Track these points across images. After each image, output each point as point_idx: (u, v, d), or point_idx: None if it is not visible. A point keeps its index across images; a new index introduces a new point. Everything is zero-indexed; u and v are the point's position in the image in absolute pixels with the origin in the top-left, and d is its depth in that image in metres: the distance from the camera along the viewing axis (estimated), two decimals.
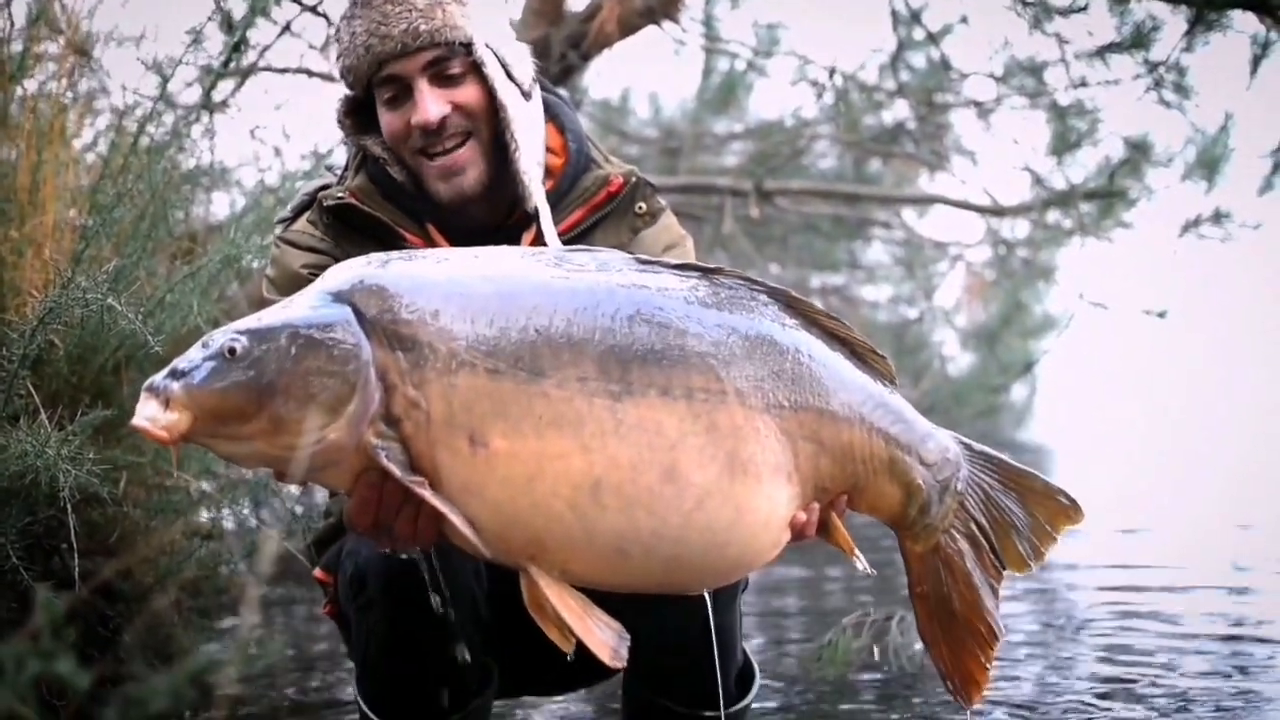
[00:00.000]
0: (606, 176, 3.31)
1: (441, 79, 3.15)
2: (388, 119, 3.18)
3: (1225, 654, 5.02)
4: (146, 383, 2.52)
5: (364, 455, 2.53)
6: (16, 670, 1.46)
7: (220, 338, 2.54)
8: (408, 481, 2.50)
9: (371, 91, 3.21)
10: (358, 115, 3.29)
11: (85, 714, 3.73)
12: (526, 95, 3.25)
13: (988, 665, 2.96)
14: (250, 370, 2.49)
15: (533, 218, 3.21)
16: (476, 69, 3.17)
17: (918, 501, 2.88)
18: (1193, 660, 4.93)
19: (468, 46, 3.15)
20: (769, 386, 2.67)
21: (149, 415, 2.49)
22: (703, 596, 3.03)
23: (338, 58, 3.22)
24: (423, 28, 3.11)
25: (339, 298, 2.58)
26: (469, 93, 3.16)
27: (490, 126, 3.18)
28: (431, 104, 3.12)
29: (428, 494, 2.51)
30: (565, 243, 3.19)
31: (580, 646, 2.60)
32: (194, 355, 2.53)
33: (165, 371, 2.53)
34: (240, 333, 2.54)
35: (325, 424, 2.50)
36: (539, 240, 3.17)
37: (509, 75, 3.21)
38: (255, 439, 2.52)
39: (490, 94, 3.17)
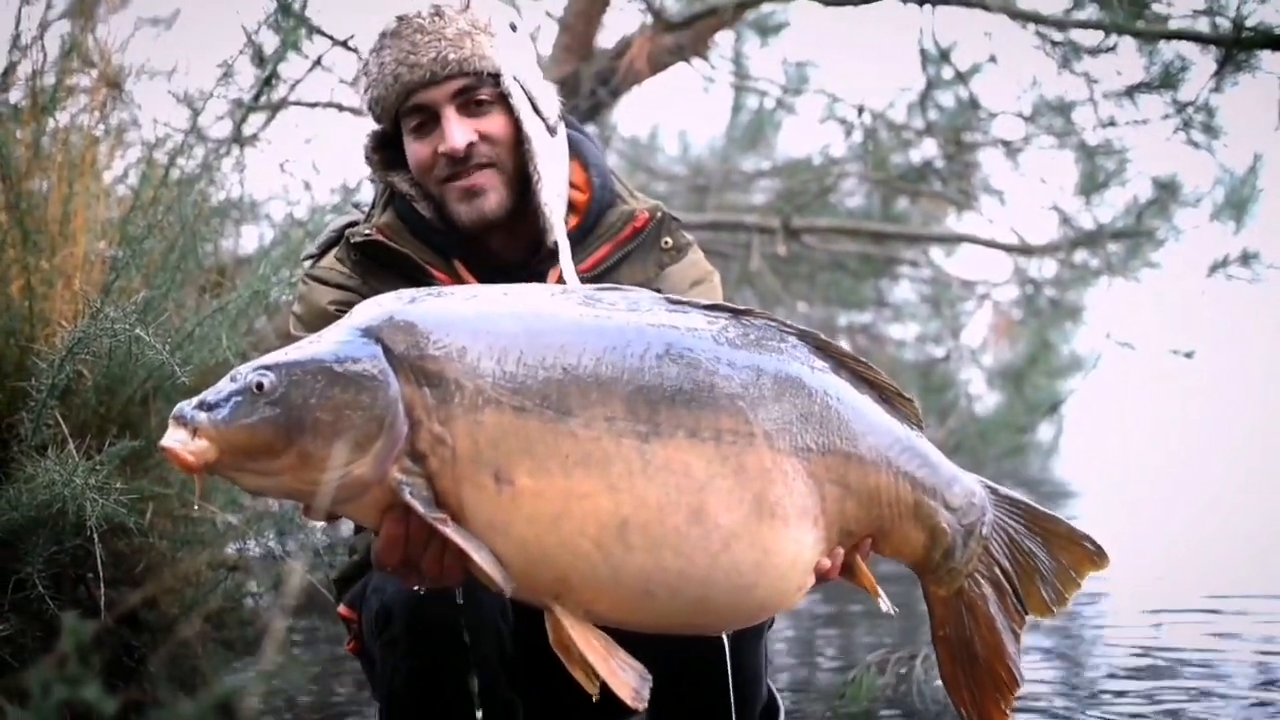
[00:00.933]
0: (632, 212, 3.31)
1: (469, 107, 3.17)
2: (414, 148, 3.20)
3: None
4: (175, 410, 2.53)
5: (389, 491, 2.53)
6: (43, 696, 1.47)
7: (248, 372, 2.54)
8: (430, 518, 2.51)
9: (399, 124, 3.23)
10: (385, 151, 3.31)
11: None
12: (552, 130, 3.26)
13: (1007, 711, 2.96)
14: (278, 406, 2.50)
15: (555, 254, 3.22)
16: (503, 100, 3.19)
17: (942, 546, 2.88)
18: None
19: (495, 77, 3.17)
20: (797, 429, 2.68)
21: (178, 440, 2.50)
22: (725, 635, 3.03)
23: (365, 90, 3.23)
24: (451, 56, 3.13)
25: (367, 333, 2.58)
26: (495, 122, 3.18)
27: (514, 158, 3.20)
28: (458, 131, 3.14)
29: (450, 530, 2.51)
30: (591, 279, 3.19)
31: (604, 686, 2.60)
32: (222, 388, 2.54)
33: (194, 402, 2.53)
34: (268, 368, 2.54)
35: (351, 460, 2.50)
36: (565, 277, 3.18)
37: (535, 109, 3.22)
38: (281, 474, 2.53)
39: (515, 125, 3.19)
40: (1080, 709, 4.83)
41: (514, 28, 3.29)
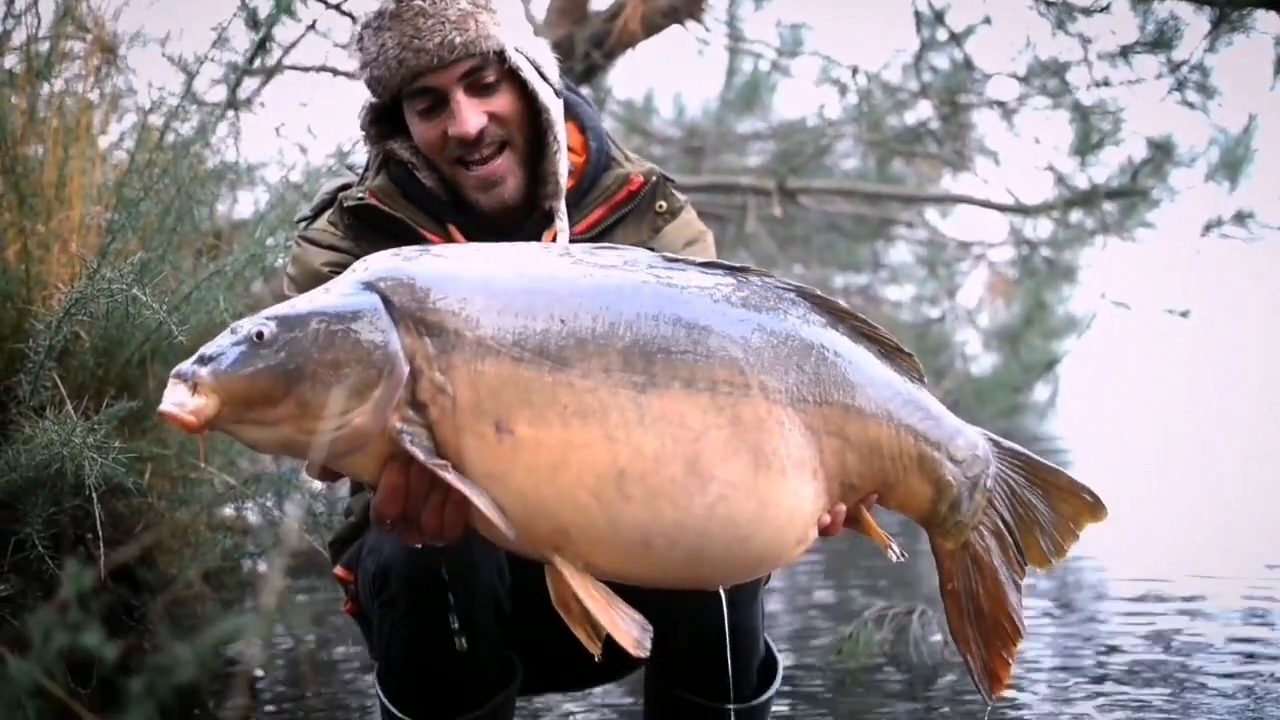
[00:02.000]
0: (627, 175, 3.32)
1: (476, 89, 3.15)
2: (422, 129, 3.19)
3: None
4: (175, 369, 2.53)
5: (389, 441, 2.55)
6: (44, 642, 1.48)
7: (248, 324, 2.56)
8: (431, 464, 2.52)
9: (398, 99, 3.22)
10: (382, 124, 3.30)
11: (109, 691, 3.78)
12: (558, 93, 3.26)
13: (1011, 661, 2.97)
14: (278, 354, 2.51)
15: (551, 217, 3.23)
16: (509, 76, 3.18)
17: (948, 498, 2.89)
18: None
19: (500, 55, 3.17)
20: (793, 381, 2.68)
21: (176, 401, 2.50)
22: (723, 591, 3.05)
23: (362, 66, 3.20)
24: (457, 40, 3.11)
25: (368, 286, 2.59)
26: (504, 101, 3.17)
27: (524, 133, 3.20)
28: (470, 115, 3.12)
29: (451, 476, 2.52)
30: (586, 240, 3.19)
31: (606, 645, 2.62)
32: (222, 341, 2.55)
33: (193, 358, 2.54)
34: (269, 318, 2.56)
35: (351, 408, 2.51)
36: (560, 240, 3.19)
37: (541, 76, 3.22)
38: (281, 423, 2.53)
39: (523, 100, 3.19)
40: (1070, 682, 4.86)
41: None
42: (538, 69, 3.21)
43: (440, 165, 3.21)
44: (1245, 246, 9.26)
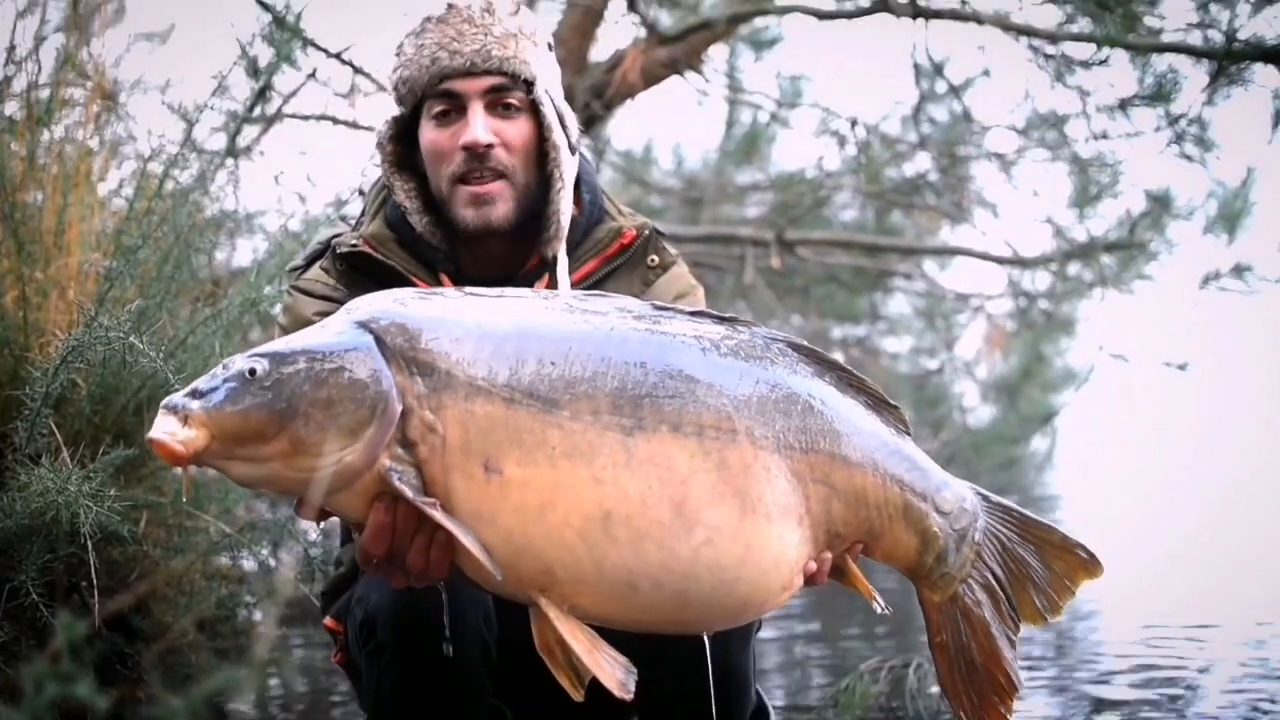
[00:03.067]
0: (620, 229, 3.34)
1: (497, 108, 3.18)
2: (433, 135, 3.21)
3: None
4: (165, 400, 2.53)
5: (377, 479, 2.55)
6: (36, 692, 1.48)
7: (241, 360, 2.56)
8: (420, 503, 2.52)
9: (417, 113, 3.24)
10: (398, 145, 3.31)
11: None
12: (572, 149, 3.28)
13: (1006, 715, 2.96)
14: (272, 392, 2.52)
15: (547, 267, 3.25)
16: (530, 108, 3.21)
17: (934, 550, 2.89)
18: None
19: (529, 84, 3.19)
20: (780, 428, 2.69)
21: (167, 430, 2.50)
22: (712, 637, 3.04)
23: (395, 70, 3.24)
24: (495, 52, 3.16)
25: (361, 325, 2.61)
26: (518, 130, 3.20)
27: (527, 171, 3.22)
28: (483, 127, 3.15)
29: (440, 515, 2.53)
30: None
31: (590, 692, 2.61)
32: (214, 376, 2.55)
33: (185, 391, 2.54)
34: (261, 355, 2.57)
35: (343, 446, 2.52)
36: (552, 289, 3.19)
37: (561, 123, 3.24)
38: (272, 461, 2.53)
39: (534, 138, 3.21)
40: None
41: (551, 46, 3.31)
42: (560, 118, 3.23)
43: (438, 181, 3.21)
44: (1243, 299, 9.27)
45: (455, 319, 2.63)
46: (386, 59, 3.29)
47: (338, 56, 7.28)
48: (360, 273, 3.24)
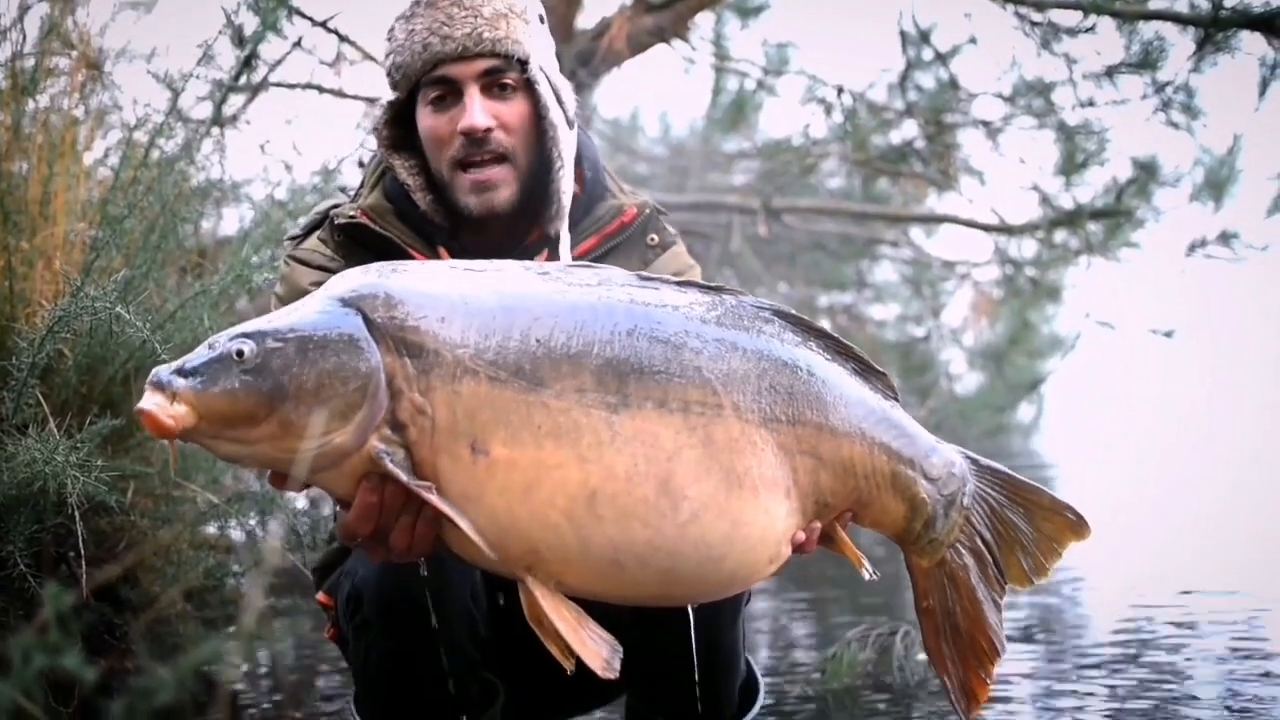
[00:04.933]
0: (620, 206, 3.33)
1: (492, 90, 3.17)
2: (431, 121, 3.20)
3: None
4: (152, 374, 2.50)
5: (367, 460, 2.54)
6: (23, 664, 1.48)
7: (226, 340, 2.53)
8: (414, 486, 2.51)
9: (413, 96, 3.23)
10: (395, 128, 3.30)
11: (91, 711, 3.76)
12: (570, 124, 3.27)
13: (988, 680, 2.97)
14: (260, 374, 2.49)
15: (548, 242, 3.24)
16: (526, 87, 3.20)
17: (923, 516, 2.89)
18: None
19: (523, 63, 3.18)
20: (766, 401, 2.69)
21: (157, 403, 2.48)
22: (698, 610, 3.05)
23: (387, 55, 3.23)
24: (486, 35, 3.14)
25: (346, 303, 2.58)
26: (515, 110, 3.18)
27: (527, 150, 3.21)
28: (480, 111, 3.14)
29: (435, 499, 2.52)
30: None
31: (581, 664, 2.62)
32: (200, 355, 2.52)
33: (171, 367, 2.51)
34: (248, 335, 2.54)
35: (333, 429, 2.51)
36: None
37: (558, 99, 3.23)
38: (260, 442, 2.52)
39: (533, 116, 3.20)
40: (1052, 696, 4.85)
41: (543, 19, 3.30)
42: (556, 94, 3.22)
43: (438, 165, 3.21)
44: (1229, 266, 9.30)
45: (441, 295, 2.60)
46: (372, 27, 3.29)
47: (323, 25, 7.26)
48: (358, 244, 3.23)
